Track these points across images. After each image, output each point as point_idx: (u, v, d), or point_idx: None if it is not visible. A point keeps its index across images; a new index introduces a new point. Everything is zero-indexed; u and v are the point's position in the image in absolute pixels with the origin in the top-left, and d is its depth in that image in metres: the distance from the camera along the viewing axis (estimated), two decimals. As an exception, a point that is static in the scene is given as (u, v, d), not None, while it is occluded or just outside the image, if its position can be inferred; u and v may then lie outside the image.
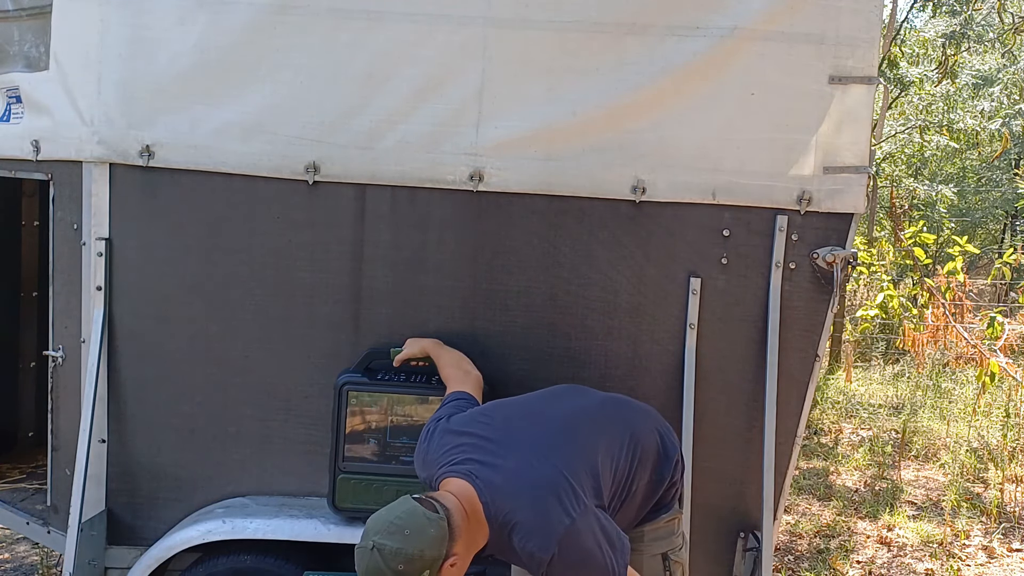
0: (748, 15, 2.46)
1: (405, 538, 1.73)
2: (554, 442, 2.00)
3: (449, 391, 2.31)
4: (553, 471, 1.92)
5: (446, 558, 1.77)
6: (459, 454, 1.99)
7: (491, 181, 2.53)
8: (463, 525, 1.82)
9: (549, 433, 2.03)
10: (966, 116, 9.62)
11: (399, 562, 1.72)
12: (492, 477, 1.90)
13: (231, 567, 2.51)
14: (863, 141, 2.53)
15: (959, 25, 8.26)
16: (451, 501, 1.84)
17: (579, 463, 1.96)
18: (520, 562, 1.89)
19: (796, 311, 2.57)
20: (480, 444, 2.00)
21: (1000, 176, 13.87)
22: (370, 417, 2.49)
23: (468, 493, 1.88)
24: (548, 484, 1.89)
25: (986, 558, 4.52)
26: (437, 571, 1.76)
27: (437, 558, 1.75)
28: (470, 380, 2.37)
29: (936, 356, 8.04)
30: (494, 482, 1.90)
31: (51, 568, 3.81)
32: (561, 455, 1.97)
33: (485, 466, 1.93)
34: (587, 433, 2.06)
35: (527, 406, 2.17)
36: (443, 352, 2.48)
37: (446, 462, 1.99)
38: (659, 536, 2.20)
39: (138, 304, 2.62)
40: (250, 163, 2.55)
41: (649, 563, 2.17)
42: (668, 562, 2.20)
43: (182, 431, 2.65)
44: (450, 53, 2.50)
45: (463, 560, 1.83)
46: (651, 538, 2.18)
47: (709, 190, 2.53)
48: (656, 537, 2.19)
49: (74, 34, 2.60)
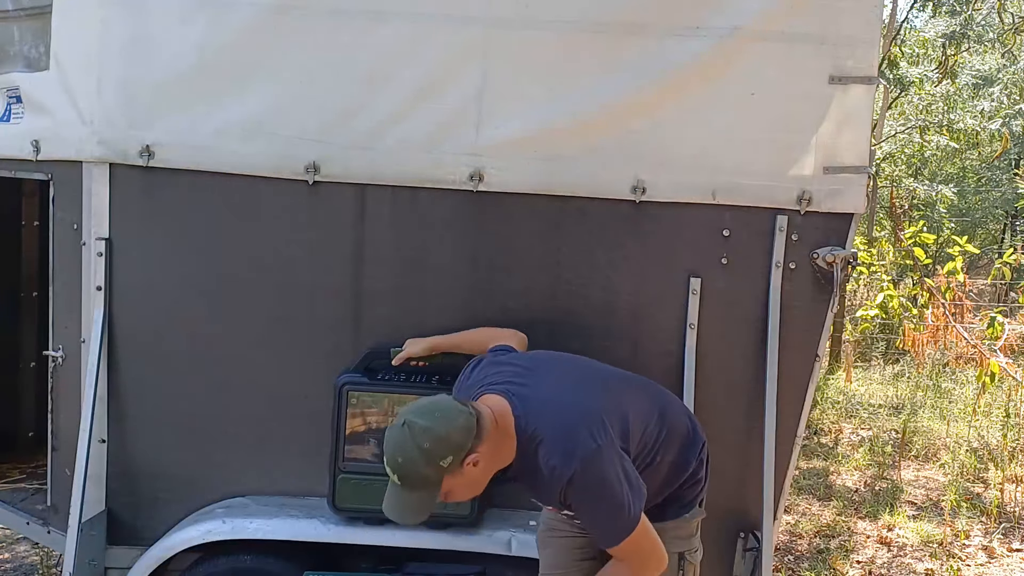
0: (748, 15, 2.46)
1: (435, 419, 1.83)
2: (592, 386, 2.09)
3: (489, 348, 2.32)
4: (587, 404, 2.00)
5: (470, 452, 1.84)
6: (498, 377, 2.08)
7: (491, 181, 2.53)
8: (492, 430, 1.89)
9: (587, 378, 2.13)
10: (966, 116, 9.63)
11: (426, 439, 1.81)
12: (528, 395, 1.99)
13: (231, 567, 2.51)
14: (863, 141, 2.53)
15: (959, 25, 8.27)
16: (484, 408, 1.93)
17: (611, 408, 2.03)
18: (541, 482, 1.93)
19: (796, 311, 2.57)
20: (520, 371, 2.08)
21: (1000, 176, 13.87)
22: (370, 417, 2.49)
23: (502, 406, 1.96)
24: (580, 412, 1.97)
25: (986, 558, 4.52)
26: (459, 463, 1.84)
27: (462, 447, 1.84)
28: (507, 334, 2.40)
29: (936, 356, 8.04)
30: (529, 400, 1.98)
31: (51, 568, 3.81)
32: (596, 397, 2.05)
33: (523, 387, 2.02)
34: (622, 391, 2.14)
35: (570, 356, 2.26)
36: (458, 334, 2.50)
37: (485, 383, 2.07)
38: (680, 536, 2.21)
39: (138, 304, 2.62)
40: (250, 163, 2.55)
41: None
42: (683, 562, 2.21)
43: (182, 431, 2.65)
44: (450, 53, 2.49)
45: (485, 465, 1.89)
46: (672, 536, 2.18)
47: (709, 190, 2.53)
48: (677, 536, 2.20)
49: (74, 34, 2.60)
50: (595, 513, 1.95)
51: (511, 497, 2.63)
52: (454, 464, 1.84)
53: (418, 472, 1.83)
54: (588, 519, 1.99)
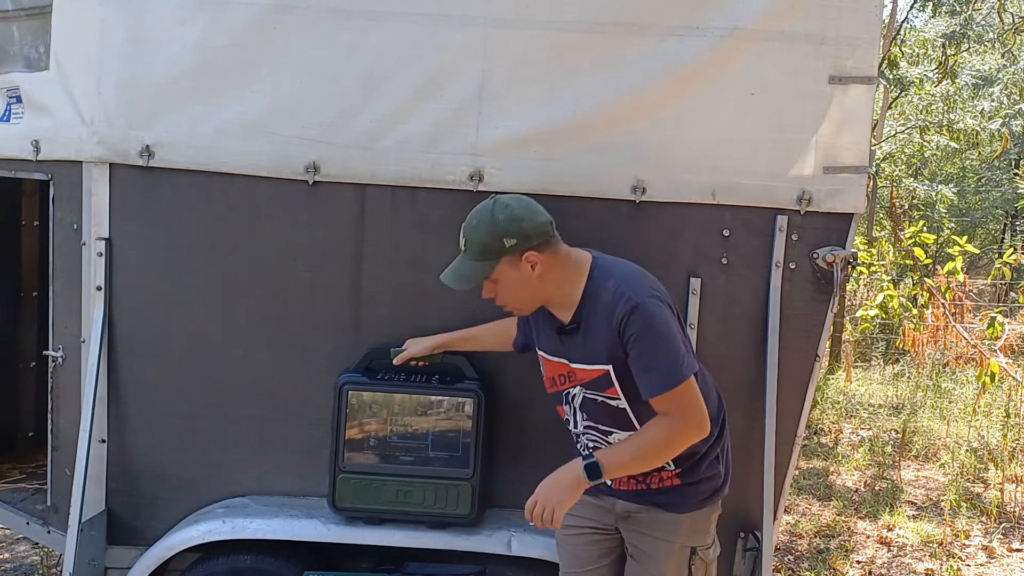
0: (748, 15, 2.46)
1: (520, 203, 2.07)
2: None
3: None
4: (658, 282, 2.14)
5: (534, 247, 2.03)
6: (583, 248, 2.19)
7: (491, 181, 2.53)
8: (563, 257, 2.09)
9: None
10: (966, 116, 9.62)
11: (502, 213, 2.03)
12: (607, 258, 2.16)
13: (231, 567, 2.51)
14: (863, 141, 2.53)
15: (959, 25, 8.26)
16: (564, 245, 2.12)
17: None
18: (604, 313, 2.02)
19: (796, 311, 2.57)
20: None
21: (1000, 176, 13.87)
22: (370, 417, 2.49)
23: (582, 253, 2.14)
24: (651, 278, 2.13)
25: (986, 558, 4.52)
26: (520, 251, 2.02)
27: (528, 237, 2.03)
28: (509, 322, 2.44)
29: (936, 356, 8.04)
30: (607, 258, 2.15)
31: (51, 568, 3.81)
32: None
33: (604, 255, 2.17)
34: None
35: None
36: (461, 331, 2.51)
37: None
38: (696, 529, 2.21)
39: (138, 304, 2.62)
40: (250, 163, 2.55)
41: (677, 552, 2.19)
42: (694, 558, 2.20)
43: (182, 431, 2.65)
44: (450, 53, 2.49)
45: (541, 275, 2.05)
46: (686, 529, 2.19)
47: (709, 190, 2.53)
48: (693, 529, 2.20)
49: (74, 34, 2.60)
50: (653, 349, 1.98)
51: (511, 497, 2.64)
52: (515, 249, 2.02)
53: (482, 239, 2.04)
54: (644, 355, 1.99)
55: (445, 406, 2.50)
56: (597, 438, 2.19)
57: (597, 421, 2.16)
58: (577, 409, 2.18)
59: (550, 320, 2.16)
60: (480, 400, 2.47)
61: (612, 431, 2.15)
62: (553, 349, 2.17)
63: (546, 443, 2.58)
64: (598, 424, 2.16)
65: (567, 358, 2.14)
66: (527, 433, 2.62)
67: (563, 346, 2.14)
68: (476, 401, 2.47)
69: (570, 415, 2.22)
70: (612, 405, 2.11)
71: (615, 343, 2.01)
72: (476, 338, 2.51)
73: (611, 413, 2.12)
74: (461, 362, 2.55)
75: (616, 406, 2.11)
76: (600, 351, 2.05)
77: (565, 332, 2.11)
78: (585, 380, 2.12)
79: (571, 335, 2.11)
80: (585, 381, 2.12)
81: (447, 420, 2.50)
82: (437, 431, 2.50)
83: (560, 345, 2.14)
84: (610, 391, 2.09)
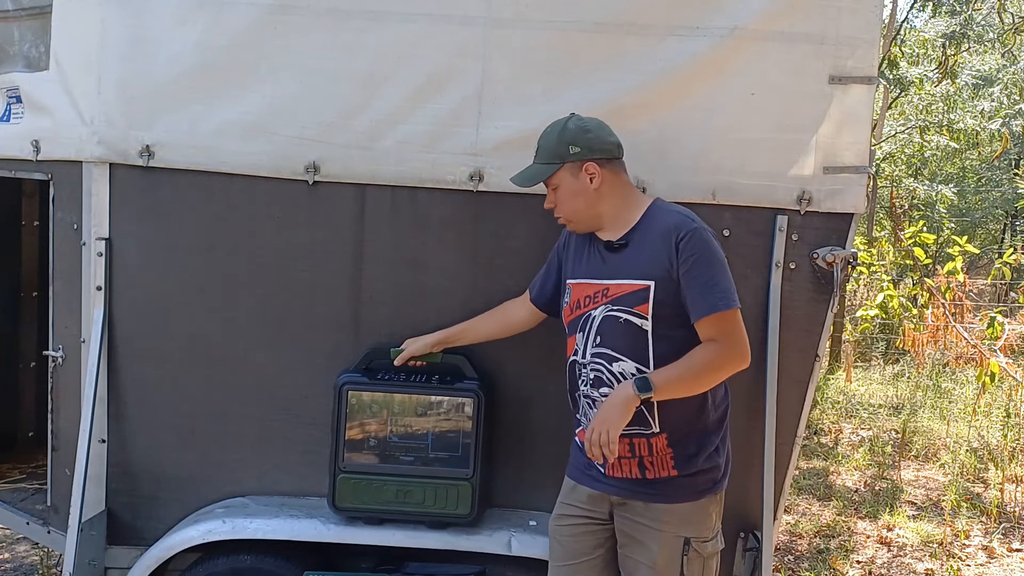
0: (748, 15, 2.46)
1: (594, 120, 2.24)
2: None
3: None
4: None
5: (596, 160, 2.18)
6: None
7: (491, 181, 2.53)
8: (623, 176, 2.25)
9: None
10: (966, 116, 9.63)
11: (574, 123, 2.21)
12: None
13: (231, 567, 2.51)
14: (863, 141, 2.53)
15: (959, 25, 8.27)
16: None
17: None
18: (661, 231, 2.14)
19: (796, 311, 2.57)
20: None
21: (1000, 176, 13.89)
22: (370, 417, 2.49)
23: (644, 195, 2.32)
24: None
25: (986, 558, 4.52)
26: (581, 161, 2.18)
27: (592, 150, 2.19)
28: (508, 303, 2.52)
29: (936, 356, 8.04)
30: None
31: (51, 568, 3.81)
32: None
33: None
34: None
35: None
36: (459, 325, 2.52)
37: None
38: (689, 519, 2.19)
39: (138, 304, 2.62)
40: (250, 163, 2.55)
41: (670, 540, 2.17)
42: (688, 548, 2.17)
43: (182, 431, 2.65)
44: (450, 53, 2.50)
45: (599, 189, 2.20)
46: (677, 518, 2.17)
47: (709, 190, 2.53)
48: (685, 519, 2.18)
49: (74, 34, 2.60)
50: (711, 270, 2.11)
51: (511, 497, 2.64)
52: (577, 157, 2.18)
53: (549, 144, 2.21)
54: (702, 275, 2.10)
55: (445, 406, 2.50)
56: (602, 367, 2.18)
57: (610, 346, 2.16)
58: (592, 333, 2.20)
59: (593, 243, 2.26)
60: (480, 400, 2.47)
61: (620, 358, 2.15)
62: (589, 271, 2.24)
63: (546, 443, 2.58)
64: (609, 349, 2.16)
65: (605, 276, 2.20)
66: (527, 433, 2.62)
67: (604, 264, 2.21)
68: (476, 401, 2.47)
69: (580, 344, 2.23)
70: (635, 324, 2.14)
71: (668, 261, 2.12)
72: (474, 329, 2.51)
73: (629, 335, 2.15)
74: (461, 361, 2.55)
75: (639, 326, 2.14)
76: (647, 266, 2.14)
77: (613, 248, 2.20)
78: (619, 294, 2.16)
79: (618, 252, 2.20)
80: (618, 295, 2.16)
81: (447, 420, 2.50)
82: (437, 431, 2.50)
83: (601, 264, 2.22)
84: (641, 307, 2.13)
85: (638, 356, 2.14)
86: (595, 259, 2.24)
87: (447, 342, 2.51)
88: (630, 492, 2.20)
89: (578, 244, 2.31)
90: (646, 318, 2.13)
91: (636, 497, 2.20)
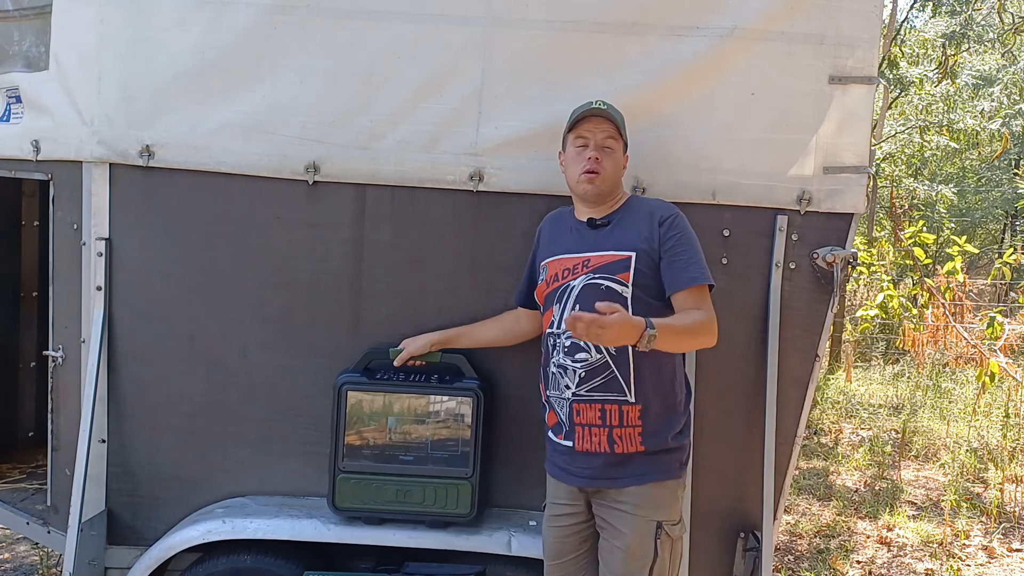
0: (748, 15, 2.46)
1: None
2: None
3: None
4: None
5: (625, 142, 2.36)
6: None
7: (491, 181, 2.53)
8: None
9: None
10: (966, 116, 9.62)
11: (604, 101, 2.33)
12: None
13: (231, 567, 2.51)
14: (863, 141, 2.53)
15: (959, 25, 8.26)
16: None
17: None
18: (644, 211, 2.30)
19: (796, 311, 2.57)
20: None
21: (1000, 176, 13.88)
22: (370, 417, 2.49)
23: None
24: None
25: (986, 558, 4.52)
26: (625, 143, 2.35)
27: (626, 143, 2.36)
28: (506, 314, 2.56)
29: (936, 356, 8.04)
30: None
31: (51, 568, 3.81)
32: None
33: None
34: None
35: None
36: (456, 328, 2.54)
37: None
38: (660, 503, 2.22)
39: (138, 304, 2.62)
40: (250, 163, 2.55)
41: (642, 525, 2.20)
42: (660, 532, 2.21)
43: (182, 431, 2.65)
44: (450, 53, 2.50)
45: (624, 165, 2.38)
46: (651, 501, 2.21)
47: (709, 190, 2.53)
48: (656, 503, 2.22)
49: (74, 34, 2.60)
50: (692, 249, 2.26)
51: (511, 497, 2.64)
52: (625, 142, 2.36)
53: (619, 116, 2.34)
54: (684, 251, 2.24)
55: (445, 406, 2.50)
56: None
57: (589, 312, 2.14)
58: (570, 301, 2.26)
59: (571, 224, 2.37)
60: (479, 399, 2.47)
61: None
62: (567, 247, 2.33)
63: (546, 442, 2.58)
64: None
65: (586, 250, 2.29)
66: (527, 432, 2.62)
67: (583, 240, 2.31)
68: (475, 400, 2.47)
69: (556, 315, 2.28)
70: (616, 291, 2.22)
71: (650, 237, 2.25)
72: (473, 333, 2.53)
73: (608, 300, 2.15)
74: (460, 361, 2.55)
75: (619, 292, 2.22)
76: (630, 240, 2.26)
77: (595, 226, 2.32)
78: (600, 264, 2.26)
79: (600, 229, 2.31)
80: (600, 265, 2.26)
81: (447, 420, 2.50)
82: (437, 431, 2.50)
83: (580, 240, 2.32)
84: (622, 275, 2.23)
85: None
86: (573, 237, 2.34)
87: (445, 343, 2.52)
88: (601, 479, 2.24)
89: (552, 228, 2.42)
90: (627, 285, 2.23)
91: (608, 484, 2.23)
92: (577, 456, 2.26)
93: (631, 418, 2.21)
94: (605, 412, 2.22)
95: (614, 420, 2.21)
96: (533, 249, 2.47)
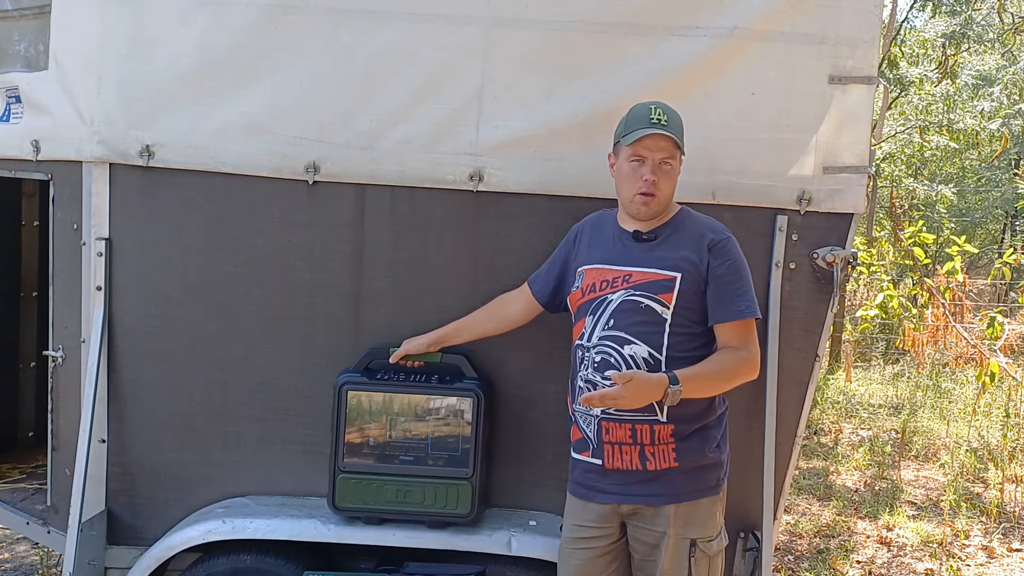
0: (748, 15, 2.46)
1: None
2: None
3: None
4: None
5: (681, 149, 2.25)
6: None
7: (491, 181, 2.53)
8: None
9: None
10: (966, 116, 9.63)
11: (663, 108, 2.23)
12: None
13: (231, 567, 2.51)
14: (863, 141, 2.53)
15: (959, 25, 8.27)
16: None
17: None
18: (695, 230, 2.24)
19: (796, 311, 2.57)
20: None
21: (1000, 176, 13.89)
22: (370, 417, 2.49)
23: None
24: None
25: (986, 558, 4.52)
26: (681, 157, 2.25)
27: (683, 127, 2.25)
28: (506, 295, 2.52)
29: (936, 356, 8.04)
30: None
31: (51, 568, 3.81)
32: None
33: None
34: None
35: None
36: (456, 321, 2.52)
37: None
38: (694, 521, 2.20)
39: (138, 304, 2.62)
40: (250, 163, 2.55)
41: (676, 543, 2.17)
42: (694, 550, 2.18)
43: (182, 431, 2.65)
44: (450, 53, 2.49)
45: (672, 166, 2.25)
46: (684, 520, 2.18)
47: (709, 190, 2.53)
48: (690, 521, 2.19)
49: (74, 34, 2.60)
50: (742, 280, 2.20)
51: (511, 497, 2.64)
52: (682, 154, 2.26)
53: (679, 127, 2.24)
54: (735, 281, 2.20)
55: (445, 405, 2.50)
56: (611, 349, 2.17)
57: (624, 329, 2.17)
58: (606, 316, 2.20)
59: (614, 232, 2.30)
60: (480, 399, 2.47)
61: (633, 342, 2.16)
62: (608, 258, 2.26)
63: (546, 443, 2.58)
64: (623, 332, 2.17)
65: (629, 263, 2.23)
66: (527, 432, 2.62)
67: (626, 252, 2.25)
68: (476, 400, 2.47)
69: (588, 327, 2.23)
70: (656, 311, 2.17)
71: (698, 260, 2.19)
72: (470, 327, 2.51)
73: (647, 321, 2.17)
74: (460, 361, 2.55)
75: (659, 313, 2.17)
76: (676, 260, 2.19)
77: (640, 239, 2.25)
78: (643, 281, 2.20)
79: (645, 243, 2.25)
80: (642, 282, 2.20)
81: (447, 420, 2.50)
82: (437, 431, 2.50)
83: (623, 251, 2.25)
84: (665, 296, 2.18)
85: (652, 343, 2.15)
86: (616, 247, 2.27)
87: (444, 341, 2.51)
88: (636, 495, 2.20)
89: (593, 233, 2.35)
90: (668, 307, 2.17)
91: (644, 501, 2.19)
92: (608, 473, 2.21)
93: (663, 436, 2.17)
94: (636, 431, 2.17)
95: (645, 439, 2.17)
96: (567, 246, 2.40)
